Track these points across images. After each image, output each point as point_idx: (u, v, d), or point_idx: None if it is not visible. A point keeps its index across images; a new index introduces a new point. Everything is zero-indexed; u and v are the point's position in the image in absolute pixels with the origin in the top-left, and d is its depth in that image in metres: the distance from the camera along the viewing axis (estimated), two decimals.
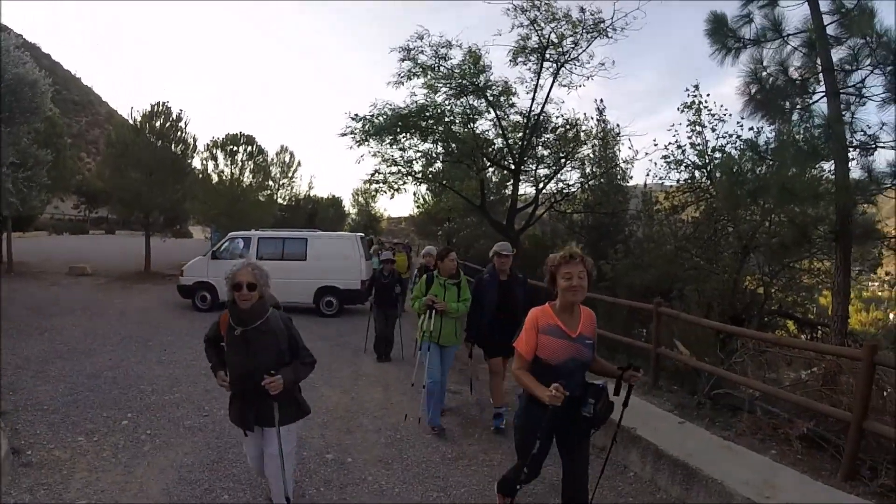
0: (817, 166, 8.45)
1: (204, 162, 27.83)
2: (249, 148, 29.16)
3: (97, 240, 45.53)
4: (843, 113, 7.64)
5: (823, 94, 7.79)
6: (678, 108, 13.33)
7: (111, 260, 25.94)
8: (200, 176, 26.74)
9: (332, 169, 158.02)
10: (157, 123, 22.27)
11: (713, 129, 12.75)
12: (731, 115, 12.70)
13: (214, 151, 28.34)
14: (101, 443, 5.33)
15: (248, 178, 28.92)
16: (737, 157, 10.71)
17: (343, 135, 17.70)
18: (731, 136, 12.17)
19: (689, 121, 13.06)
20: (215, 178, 27.97)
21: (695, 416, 6.17)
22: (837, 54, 7.78)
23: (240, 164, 28.75)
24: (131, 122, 22.51)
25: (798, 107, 8.27)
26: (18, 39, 12.54)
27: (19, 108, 11.77)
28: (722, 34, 8.56)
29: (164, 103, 22.69)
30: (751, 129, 10.89)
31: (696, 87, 13.09)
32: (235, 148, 28.73)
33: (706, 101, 12.97)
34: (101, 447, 5.23)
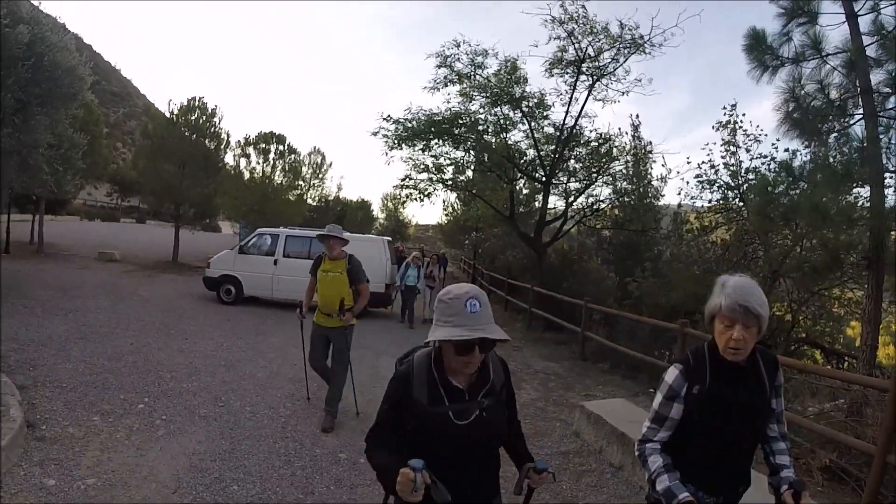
0: (852, 190, 8.29)
1: (236, 158, 28.13)
2: (281, 147, 29.41)
3: (127, 228, 46.07)
4: (881, 136, 7.50)
5: (861, 116, 7.65)
6: (713, 127, 13.20)
7: (140, 248, 26.23)
8: (232, 172, 27.00)
9: (363, 173, 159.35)
10: (193, 117, 22.52)
11: (747, 150, 12.58)
12: (766, 135, 12.50)
13: (247, 149, 28.62)
14: (115, 424, 5.34)
15: (279, 176, 29.17)
16: (771, 178, 10.54)
17: (375, 134, 17.73)
18: (765, 157, 12.01)
19: (723, 140, 12.90)
20: (247, 174, 28.23)
21: None
22: (877, 76, 7.64)
23: (271, 162, 29.02)
24: (168, 114, 22.80)
25: (835, 128, 8.13)
26: (59, 24, 12.84)
27: (58, 93, 11.96)
28: (760, 51, 8.45)
29: (200, 98, 22.98)
30: (786, 150, 10.74)
31: (734, 106, 12.94)
32: (267, 146, 28.99)
33: (741, 121, 12.81)
34: (115, 428, 5.24)
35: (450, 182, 18.93)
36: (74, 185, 19.78)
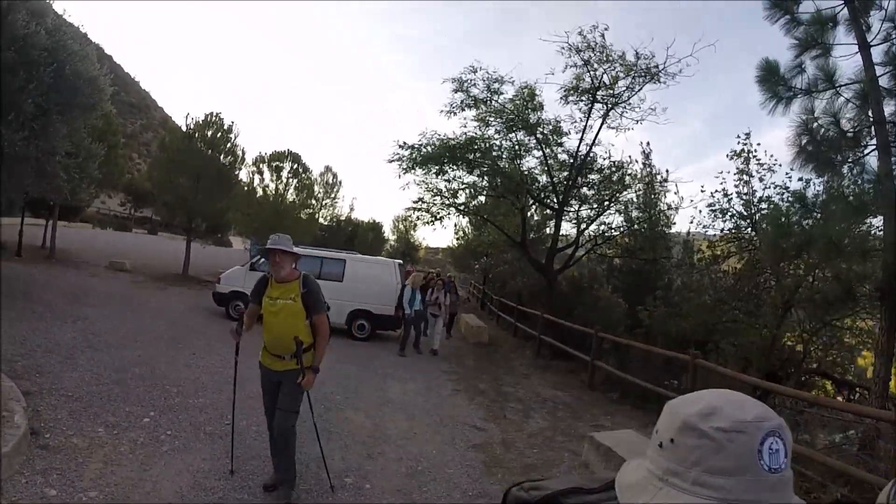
0: (866, 222, 8.22)
1: (250, 175, 28.33)
2: (295, 166, 29.62)
3: (139, 238, 46.24)
4: (894, 167, 7.44)
5: (875, 147, 7.61)
6: (727, 156, 13.14)
7: (151, 259, 26.25)
8: (246, 188, 27.16)
9: (374, 194, 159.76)
10: (209, 133, 22.70)
11: (761, 179, 12.53)
12: (780, 165, 12.44)
13: (261, 166, 28.83)
14: (120, 437, 5.29)
15: (291, 194, 29.34)
16: (784, 209, 10.49)
17: (391, 161, 17.90)
18: (778, 186, 11.97)
19: (737, 169, 12.86)
20: (260, 191, 28.40)
21: None
22: (890, 107, 7.62)
23: (284, 180, 29.21)
24: (185, 128, 22.99)
25: (849, 160, 8.09)
26: (80, 33, 13.04)
27: (78, 102, 12.08)
28: (773, 83, 8.43)
29: (217, 114, 23.18)
30: (799, 179, 10.66)
31: (748, 135, 12.90)
32: (281, 164, 29.20)
33: (756, 150, 12.77)
34: (119, 441, 5.19)
35: (462, 207, 18.95)
36: (89, 193, 19.94)
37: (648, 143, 22.87)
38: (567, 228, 19.82)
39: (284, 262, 4.50)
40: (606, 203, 18.06)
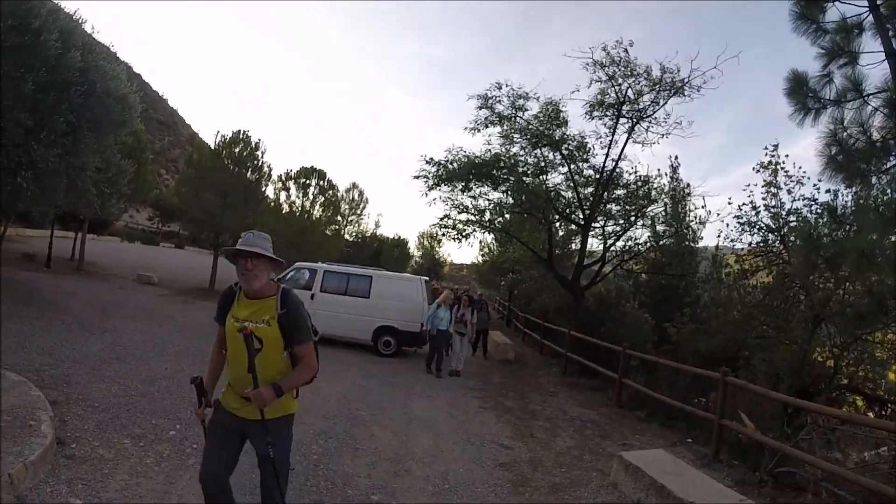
0: None
1: (277, 192, 28.62)
2: (321, 182, 29.89)
3: (166, 252, 46.78)
4: None
5: None
6: (754, 168, 12.93)
7: (178, 273, 26.56)
8: (272, 205, 27.42)
9: (400, 210, 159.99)
10: (236, 150, 22.98)
11: (789, 192, 12.32)
12: (808, 177, 12.22)
13: (287, 183, 29.12)
14: (146, 448, 5.28)
15: (317, 211, 29.58)
16: (813, 221, 10.30)
17: (416, 177, 17.98)
18: (807, 199, 11.76)
19: (764, 181, 12.66)
20: (286, 208, 28.64)
21: (756, 494, 5.85)
22: None
23: (311, 197, 29.48)
24: (213, 145, 23.31)
25: (880, 169, 7.93)
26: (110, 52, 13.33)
27: (108, 120, 12.29)
28: (802, 94, 8.30)
29: (244, 131, 23.52)
30: (827, 191, 10.45)
31: (776, 146, 12.70)
32: (307, 181, 29.47)
33: (783, 162, 12.56)
34: (145, 453, 5.18)
35: (488, 223, 18.92)
36: (118, 207, 20.30)
37: (676, 157, 22.73)
38: (594, 244, 19.69)
39: (259, 271, 3.19)
40: (633, 218, 17.88)
